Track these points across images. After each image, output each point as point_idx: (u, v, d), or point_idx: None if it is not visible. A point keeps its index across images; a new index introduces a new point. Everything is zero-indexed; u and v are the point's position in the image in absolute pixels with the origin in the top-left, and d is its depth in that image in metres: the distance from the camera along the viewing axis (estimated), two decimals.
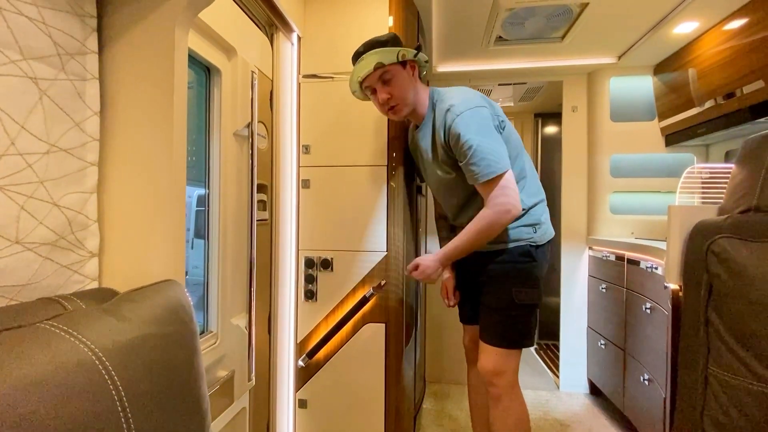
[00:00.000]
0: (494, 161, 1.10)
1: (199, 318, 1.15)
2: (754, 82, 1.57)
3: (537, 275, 1.24)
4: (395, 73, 1.18)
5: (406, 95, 1.21)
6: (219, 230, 1.16)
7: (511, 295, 1.20)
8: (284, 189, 1.49)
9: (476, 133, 1.11)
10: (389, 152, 1.50)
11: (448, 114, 1.16)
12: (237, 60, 1.18)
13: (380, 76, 1.18)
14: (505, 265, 1.23)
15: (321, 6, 1.54)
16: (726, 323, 0.76)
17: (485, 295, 1.27)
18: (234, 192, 1.20)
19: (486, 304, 1.26)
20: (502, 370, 1.21)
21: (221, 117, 1.15)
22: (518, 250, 1.23)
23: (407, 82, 1.21)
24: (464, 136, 1.11)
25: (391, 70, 1.18)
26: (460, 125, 1.13)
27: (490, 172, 1.10)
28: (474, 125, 1.12)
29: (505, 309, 1.22)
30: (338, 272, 1.51)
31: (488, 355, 1.23)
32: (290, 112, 1.53)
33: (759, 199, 0.82)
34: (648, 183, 2.27)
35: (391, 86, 1.19)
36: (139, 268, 0.67)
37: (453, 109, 1.15)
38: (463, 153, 1.13)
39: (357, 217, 1.50)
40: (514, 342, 1.23)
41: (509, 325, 1.22)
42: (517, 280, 1.22)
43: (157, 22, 0.66)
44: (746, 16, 1.59)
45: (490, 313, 1.25)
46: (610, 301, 2.04)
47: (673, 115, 2.12)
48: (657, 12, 1.74)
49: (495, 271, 1.24)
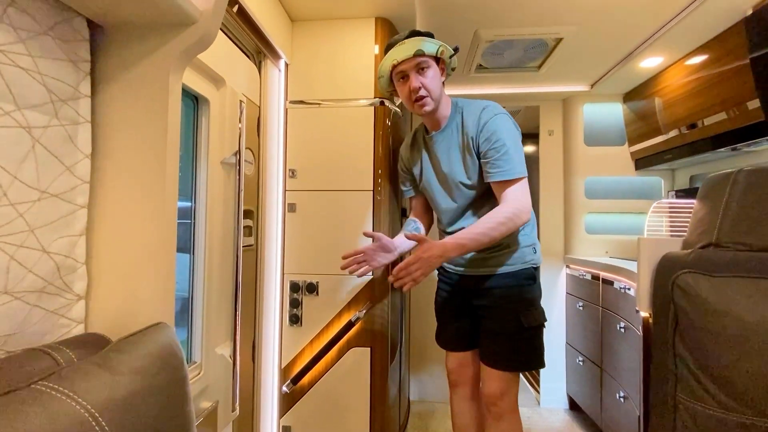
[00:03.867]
0: (521, 164, 1.16)
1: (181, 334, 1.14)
2: (715, 115, 1.69)
3: (537, 296, 1.27)
4: (431, 65, 1.18)
5: (436, 91, 1.19)
6: (204, 259, 1.15)
7: (519, 319, 1.20)
8: (270, 214, 1.50)
9: (509, 136, 1.16)
10: (375, 177, 1.53)
11: (484, 111, 1.19)
12: (225, 89, 1.19)
13: (418, 63, 1.16)
14: (511, 288, 1.23)
15: (308, 34, 1.58)
16: (691, 353, 0.82)
17: (488, 319, 1.25)
18: (220, 220, 1.20)
19: (490, 329, 1.24)
20: (506, 392, 1.22)
21: (209, 146, 1.16)
22: (523, 273, 1.24)
23: (438, 79, 1.21)
24: (500, 133, 1.15)
25: (428, 61, 1.18)
26: (499, 123, 1.17)
27: (518, 173, 1.15)
28: (507, 128, 1.17)
29: (513, 333, 1.21)
30: (324, 296, 1.52)
31: (494, 380, 1.23)
32: (277, 137, 1.55)
33: (718, 235, 0.89)
34: (620, 204, 2.38)
35: (426, 77, 1.17)
36: (128, 310, 0.67)
37: (491, 108, 1.20)
38: (494, 149, 1.15)
39: (343, 241, 1.52)
40: (521, 365, 1.24)
41: (517, 350, 1.23)
42: (522, 304, 1.22)
43: (152, 67, 0.68)
44: (706, 53, 1.72)
45: (496, 337, 1.23)
46: (587, 318, 2.12)
47: (642, 142, 2.25)
48: (624, 48, 1.85)
49: (499, 294, 1.23)
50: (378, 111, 1.54)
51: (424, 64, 1.17)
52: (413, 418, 2.24)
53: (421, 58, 1.16)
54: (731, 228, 0.88)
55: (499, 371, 1.23)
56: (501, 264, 1.25)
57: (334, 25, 1.57)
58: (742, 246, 0.86)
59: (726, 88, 1.62)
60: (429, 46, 1.17)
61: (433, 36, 1.24)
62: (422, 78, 1.17)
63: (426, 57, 1.17)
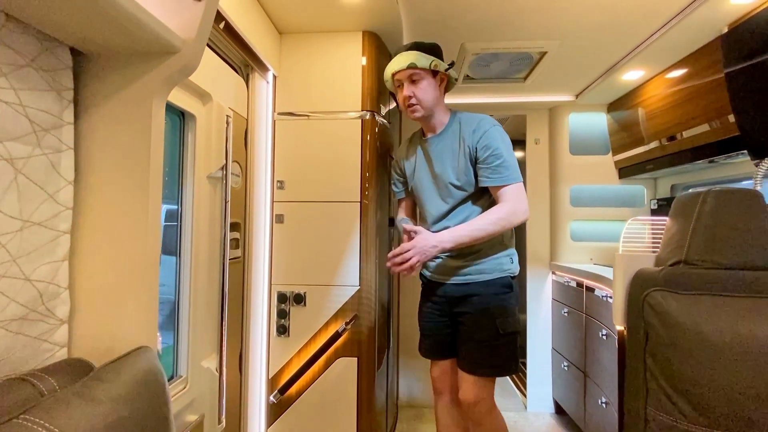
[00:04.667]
0: (517, 171, 1.27)
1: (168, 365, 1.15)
2: (693, 128, 1.75)
3: (514, 304, 1.33)
4: (424, 77, 1.29)
5: (427, 100, 1.30)
6: (191, 273, 1.16)
7: (496, 326, 1.28)
8: (258, 225, 1.51)
9: (505, 146, 1.27)
10: (362, 189, 1.55)
11: (483, 122, 1.30)
12: (212, 105, 1.20)
13: (410, 75, 1.28)
14: (488, 296, 1.29)
15: (296, 47, 1.59)
16: (660, 368, 0.85)
17: (466, 326, 1.31)
18: (206, 234, 1.21)
19: (469, 335, 1.30)
20: (482, 397, 1.29)
21: (195, 161, 1.17)
22: (501, 282, 1.31)
23: (432, 89, 1.31)
24: (498, 142, 1.26)
25: (420, 73, 1.29)
26: (496, 134, 1.27)
27: (515, 178, 1.26)
28: (504, 139, 1.28)
29: (490, 339, 1.28)
30: (311, 307, 1.53)
31: (469, 386, 1.29)
32: (265, 148, 1.56)
33: (687, 253, 0.93)
34: (604, 212, 2.43)
35: (417, 88, 1.29)
36: (111, 333, 0.68)
37: (488, 120, 1.31)
38: (494, 156, 1.25)
39: (330, 251, 1.54)
40: (498, 369, 1.30)
41: (494, 355, 1.29)
42: (499, 311, 1.29)
43: (135, 94, 0.69)
44: (685, 68, 1.77)
45: (474, 343, 1.29)
46: (572, 325, 2.16)
47: (625, 151, 2.30)
48: (606, 61, 1.90)
49: (477, 302, 1.30)
50: (365, 123, 1.56)
51: (416, 76, 1.29)
52: (401, 423, 2.27)
53: (413, 70, 1.28)
54: (700, 246, 0.92)
55: (474, 377, 1.29)
56: (478, 272, 1.31)
57: (322, 38, 1.59)
58: (710, 264, 0.90)
59: (703, 103, 1.67)
60: (422, 60, 1.27)
61: (435, 47, 1.34)
62: (414, 88, 1.29)
63: (418, 69, 1.28)
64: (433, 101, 1.32)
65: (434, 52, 1.33)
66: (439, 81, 1.33)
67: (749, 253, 0.89)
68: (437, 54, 1.33)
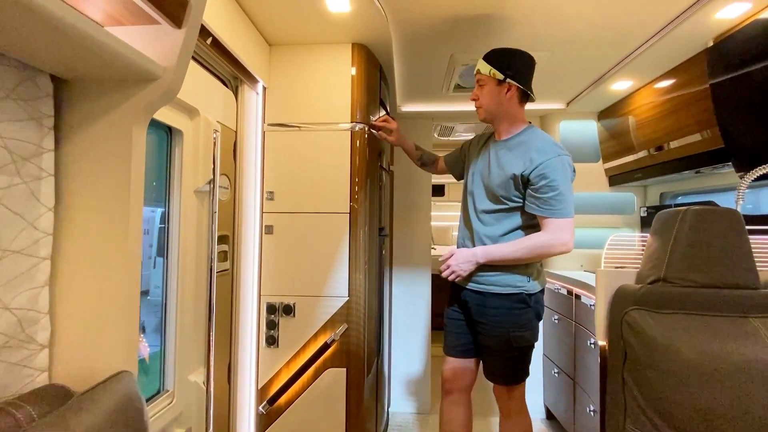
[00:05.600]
0: (570, 206, 1.30)
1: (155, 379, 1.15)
2: (680, 138, 1.76)
3: (530, 319, 1.36)
4: (487, 83, 1.36)
5: (489, 105, 1.38)
6: (177, 287, 1.17)
7: (509, 338, 1.33)
8: (247, 237, 1.51)
9: (563, 180, 1.28)
10: (351, 200, 1.56)
11: (548, 148, 1.29)
12: (199, 119, 1.21)
13: (478, 79, 1.39)
14: (502, 310, 1.34)
15: (286, 58, 1.60)
16: (639, 387, 0.87)
17: (484, 336, 1.38)
18: (193, 247, 1.22)
19: (486, 345, 1.39)
20: (511, 396, 1.40)
21: (182, 176, 1.17)
22: (514, 298, 1.34)
23: (495, 96, 1.36)
24: (554, 174, 1.26)
25: (484, 80, 1.36)
26: (557, 165, 1.27)
27: (566, 214, 1.28)
28: (564, 171, 1.28)
29: (505, 351, 1.35)
30: (300, 318, 1.54)
31: (499, 390, 1.42)
32: (255, 160, 1.56)
33: (666, 271, 0.94)
34: (595, 219, 2.45)
35: (481, 91, 1.38)
36: (92, 358, 0.69)
37: (555, 149, 1.30)
38: (549, 186, 1.26)
39: (319, 262, 1.55)
40: (515, 379, 1.39)
41: (510, 366, 1.37)
42: (513, 325, 1.33)
43: (115, 121, 0.70)
44: (672, 79, 1.79)
45: (492, 354, 1.38)
46: (562, 332, 2.18)
47: (614, 159, 2.32)
48: (595, 72, 1.92)
49: (493, 315, 1.35)
50: (354, 135, 1.57)
51: (481, 82, 1.38)
52: (392, 430, 2.28)
53: (478, 75, 1.38)
54: (678, 265, 0.93)
55: (498, 385, 1.40)
56: (493, 285, 1.36)
57: (312, 50, 1.59)
58: (688, 282, 0.92)
59: (689, 114, 1.69)
60: (484, 67, 1.35)
61: (509, 56, 1.36)
62: (479, 91, 1.39)
63: (482, 75, 1.36)
64: (494, 107, 1.37)
65: (503, 61, 1.34)
66: (504, 89, 1.35)
67: (727, 272, 0.91)
68: (508, 63, 1.34)
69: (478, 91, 1.39)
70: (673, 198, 2.26)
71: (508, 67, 1.33)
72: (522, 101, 1.38)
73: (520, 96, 1.37)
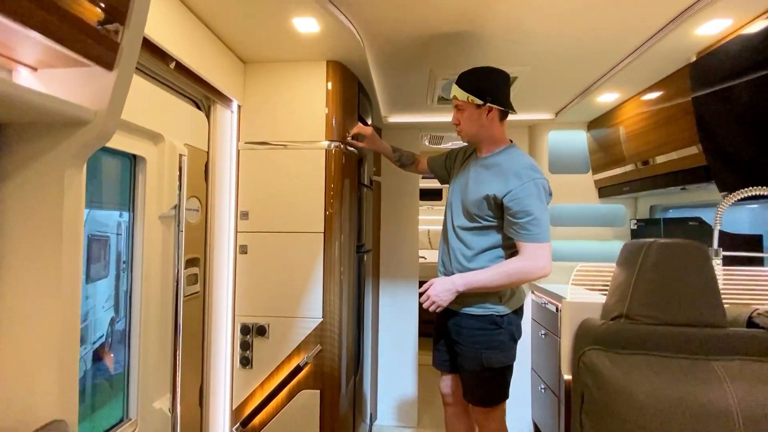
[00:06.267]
0: (546, 231, 1.25)
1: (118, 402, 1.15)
2: (665, 154, 1.72)
3: (503, 340, 1.33)
4: (466, 108, 1.34)
5: (470, 129, 1.36)
6: (140, 315, 1.16)
7: (481, 359, 1.31)
8: (220, 258, 1.50)
9: (538, 204, 1.23)
10: (326, 220, 1.54)
11: (524, 172, 1.26)
12: (164, 145, 1.20)
13: (455, 104, 1.37)
14: (475, 331, 1.34)
15: (261, 75, 1.58)
16: (595, 429, 0.84)
17: (460, 356, 1.37)
18: (158, 274, 1.21)
19: (461, 365, 1.38)
20: (489, 418, 1.38)
21: (145, 202, 1.16)
22: (486, 318, 1.33)
23: (475, 120, 1.34)
24: (529, 199, 1.23)
25: (462, 105, 1.34)
26: (531, 190, 1.23)
27: (542, 239, 1.23)
28: (539, 196, 1.25)
29: (478, 372, 1.33)
30: (274, 339, 1.53)
31: (476, 411, 1.41)
32: (230, 179, 1.55)
33: (628, 307, 0.91)
34: (584, 231, 2.41)
35: (461, 115, 1.36)
36: (28, 405, 0.68)
37: (531, 172, 1.26)
38: (524, 212, 1.23)
39: (293, 283, 1.53)
40: (490, 401, 1.36)
41: (485, 387, 1.35)
42: (485, 346, 1.32)
43: (48, 165, 0.68)
44: (658, 91, 1.75)
45: (466, 374, 1.37)
46: (548, 347, 2.14)
47: (604, 171, 2.28)
48: (580, 85, 1.88)
49: (466, 335, 1.35)
50: (329, 154, 1.55)
51: (460, 106, 1.36)
52: None
53: (455, 101, 1.36)
54: (640, 301, 0.91)
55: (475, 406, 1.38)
56: (466, 305, 1.35)
57: (287, 67, 1.58)
58: (650, 319, 0.89)
59: (674, 129, 1.65)
60: (460, 93, 1.33)
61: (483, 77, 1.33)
62: (459, 115, 1.37)
63: (459, 101, 1.34)
64: (475, 129, 1.35)
65: (479, 84, 1.31)
66: (485, 111, 1.32)
67: (690, 310, 0.88)
68: (484, 85, 1.31)
69: (459, 115, 1.37)
70: (664, 211, 2.22)
71: (485, 91, 1.31)
72: (502, 119, 1.36)
73: (501, 114, 1.35)
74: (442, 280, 1.32)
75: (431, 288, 1.32)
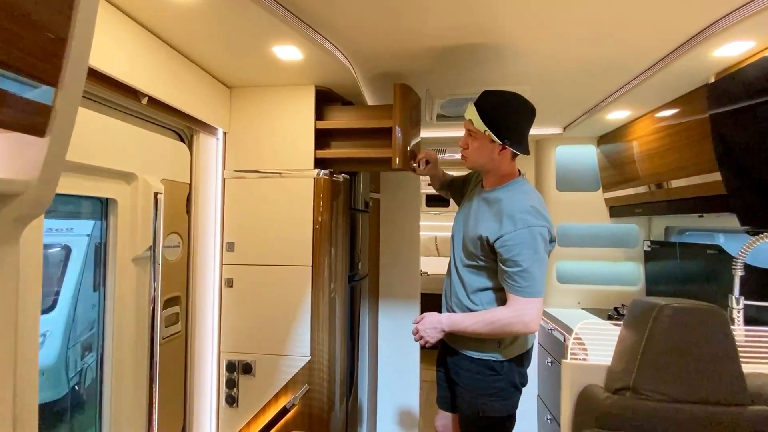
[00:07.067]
0: (538, 285, 1.12)
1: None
2: (682, 178, 1.59)
3: (503, 387, 1.23)
4: (479, 138, 1.19)
5: (477, 158, 1.23)
6: (112, 362, 1.10)
7: (478, 407, 1.22)
8: (205, 293, 1.44)
9: (531, 254, 1.10)
10: (314, 253, 1.46)
11: (519, 217, 1.12)
12: (137, 183, 1.14)
13: (468, 128, 1.23)
14: (473, 375, 1.25)
15: (247, 100, 1.52)
16: None
17: (458, 397, 1.29)
18: (132, 318, 1.15)
19: (459, 407, 1.29)
20: None
21: (117, 245, 1.10)
22: (484, 364, 1.24)
23: (486, 153, 1.20)
24: (519, 249, 1.11)
25: (475, 133, 1.19)
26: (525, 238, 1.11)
27: (531, 293, 1.12)
28: (533, 245, 1.11)
29: (474, 420, 1.24)
30: (260, 377, 1.46)
31: None
32: (215, 209, 1.49)
33: (635, 380, 0.81)
34: (593, 252, 2.28)
35: (471, 140, 1.22)
36: None
37: (527, 218, 1.12)
38: (511, 261, 1.12)
39: (280, 319, 1.46)
40: None
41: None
42: (483, 392, 1.23)
43: None
44: (674, 109, 1.62)
45: (463, 419, 1.28)
46: (556, 377, 2.03)
47: (615, 189, 2.15)
48: (586, 103, 1.76)
49: (464, 377, 1.26)
50: (318, 183, 1.47)
51: (472, 133, 1.21)
52: None
53: (468, 125, 1.21)
54: (648, 373, 0.80)
55: None
56: (464, 346, 1.26)
57: (274, 92, 1.50)
58: (658, 396, 0.79)
59: (691, 153, 1.52)
60: (478, 122, 1.16)
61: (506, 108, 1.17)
62: (469, 140, 1.23)
63: (473, 128, 1.18)
64: (482, 161, 1.23)
65: (501, 120, 1.15)
66: (498, 148, 1.16)
67: (702, 385, 0.77)
68: (507, 123, 1.15)
69: (468, 140, 1.23)
70: (680, 233, 2.07)
71: (507, 130, 1.15)
72: (516, 156, 1.22)
73: (514, 153, 1.20)
74: (432, 316, 1.25)
75: (421, 322, 1.26)
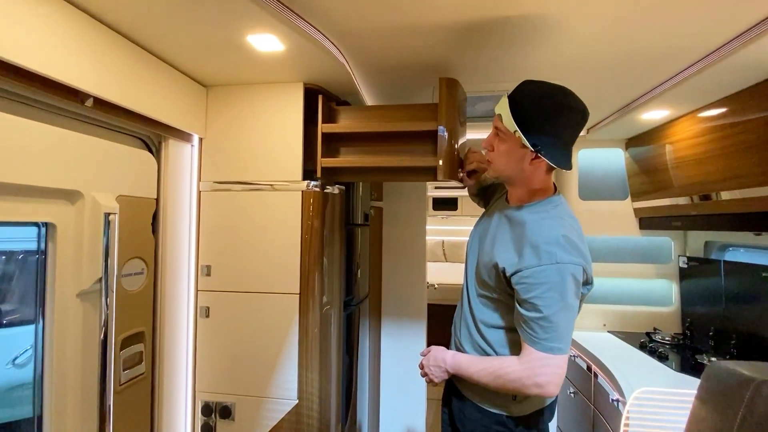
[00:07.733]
0: (561, 339, 0.88)
1: None
2: (737, 189, 1.35)
3: None
4: (508, 139, 0.95)
5: (502, 164, 0.99)
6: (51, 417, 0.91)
7: None
8: (175, 326, 1.24)
9: (556, 301, 0.87)
10: (302, 278, 1.26)
11: (544, 249, 0.88)
12: (83, 203, 0.94)
13: (496, 126, 0.98)
14: (480, 428, 1.05)
15: (226, 100, 1.32)
16: None
17: None
18: (79, 362, 0.95)
19: None
20: None
21: (56, 277, 0.91)
22: (493, 417, 1.03)
23: (515, 160, 0.96)
24: (541, 289, 0.87)
25: (504, 133, 0.96)
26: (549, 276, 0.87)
27: (551, 348, 0.88)
28: (559, 287, 0.87)
29: None
30: (240, 423, 1.26)
31: None
32: (189, 227, 1.29)
33: None
34: (620, 269, 2.04)
35: (498, 144, 0.99)
36: None
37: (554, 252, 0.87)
38: (529, 304, 0.89)
39: (264, 355, 1.26)
40: None
41: None
42: None
43: None
44: (725, 107, 1.38)
45: None
46: (578, 411, 1.80)
47: (646, 199, 1.90)
48: (618, 102, 1.53)
49: (469, 428, 1.07)
50: (306, 196, 1.27)
51: (501, 133, 0.97)
52: None
53: (497, 122, 0.98)
54: None
55: None
56: (474, 394, 1.06)
57: (256, 91, 1.30)
58: None
59: (753, 160, 1.27)
60: (508, 121, 0.92)
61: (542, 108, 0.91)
62: (495, 141, 1.00)
63: (502, 126, 0.95)
64: (509, 171, 0.98)
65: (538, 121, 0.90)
66: (530, 156, 0.92)
67: None
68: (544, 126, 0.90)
69: (494, 141, 0.99)
70: (721, 249, 1.82)
71: (542, 134, 0.89)
72: (551, 169, 0.96)
73: (550, 166, 0.94)
74: (437, 352, 1.09)
75: (426, 358, 1.10)
